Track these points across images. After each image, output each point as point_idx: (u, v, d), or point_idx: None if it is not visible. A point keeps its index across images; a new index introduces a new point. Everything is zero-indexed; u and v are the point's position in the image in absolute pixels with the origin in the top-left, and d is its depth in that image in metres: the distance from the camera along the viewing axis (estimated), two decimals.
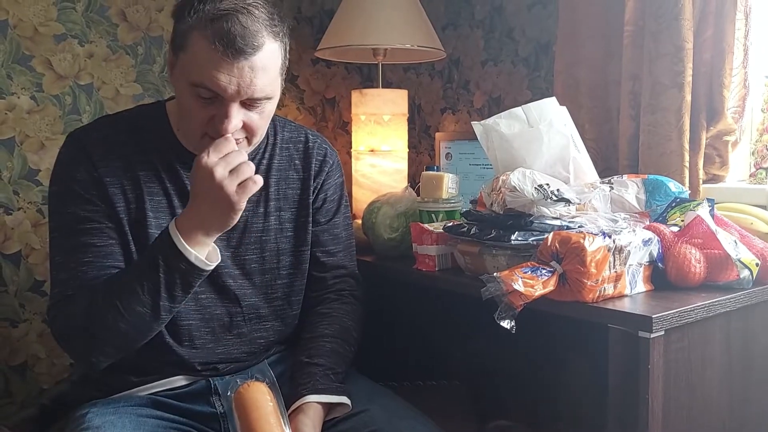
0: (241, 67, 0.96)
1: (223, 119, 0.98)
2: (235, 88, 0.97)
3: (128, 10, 1.79)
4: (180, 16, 0.99)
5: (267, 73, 0.99)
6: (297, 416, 1.02)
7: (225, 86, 0.96)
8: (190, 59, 0.98)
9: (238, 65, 0.96)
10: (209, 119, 1.00)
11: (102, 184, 1.04)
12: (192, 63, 0.97)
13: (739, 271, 1.04)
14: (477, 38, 1.96)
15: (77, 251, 1.02)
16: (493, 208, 1.14)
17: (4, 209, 1.65)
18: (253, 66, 0.96)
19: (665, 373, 0.94)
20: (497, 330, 0.95)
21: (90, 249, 1.02)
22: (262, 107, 1.02)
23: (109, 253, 1.03)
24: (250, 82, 0.97)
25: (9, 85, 1.64)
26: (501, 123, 1.21)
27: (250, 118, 1.02)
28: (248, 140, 1.05)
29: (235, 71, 0.96)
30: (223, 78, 0.96)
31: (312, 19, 2.12)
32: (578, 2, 1.52)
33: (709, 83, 1.35)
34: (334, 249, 1.22)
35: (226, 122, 0.98)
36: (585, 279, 0.97)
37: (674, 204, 1.17)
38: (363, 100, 1.87)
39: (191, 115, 1.01)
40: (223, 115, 0.98)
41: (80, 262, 1.01)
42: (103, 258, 1.02)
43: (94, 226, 1.03)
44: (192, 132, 1.04)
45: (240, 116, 1.00)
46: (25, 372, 1.69)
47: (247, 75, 0.96)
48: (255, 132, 1.04)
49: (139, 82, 1.82)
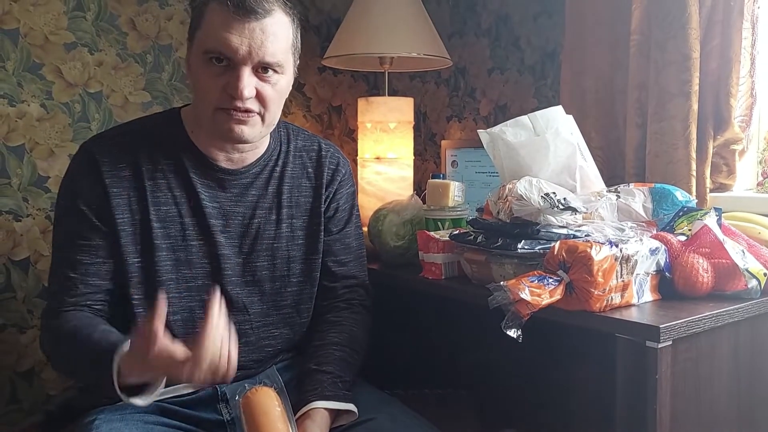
0: (252, 29, 1.00)
1: (236, 83, 1.01)
2: (246, 49, 1.00)
3: (137, 19, 1.80)
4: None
5: (278, 39, 1.02)
6: (304, 422, 1.02)
7: (237, 47, 1.00)
8: (204, 31, 1.03)
9: (249, 26, 1.00)
10: (222, 90, 1.02)
11: (106, 197, 1.06)
12: (206, 32, 1.02)
13: (747, 281, 1.04)
14: (483, 47, 1.97)
15: (67, 266, 1.06)
16: (500, 216, 1.14)
17: (14, 216, 1.66)
18: (264, 29, 1.01)
19: (673, 383, 0.94)
20: (504, 339, 0.95)
21: (78, 266, 1.05)
22: (274, 78, 1.05)
23: (95, 272, 1.06)
24: (261, 44, 1.00)
25: (19, 93, 1.65)
26: (507, 131, 1.21)
27: (263, 88, 1.04)
28: (261, 117, 1.06)
29: (246, 32, 1.00)
30: (235, 39, 0.99)
31: (319, 27, 2.14)
32: (585, 11, 1.52)
33: (716, 92, 1.35)
34: (345, 259, 1.23)
35: (239, 84, 1.01)
36: (592, 288, 0.97)
37: (681, 213, 1.17)
38: (369, 107, 1.88)
39: (205, 88, 1.04)
40: (236, 79, 1.01)
41: (67, 277, 1.05)
42: (89, 276, 1.06)
43: (87, 243, 1.06)
44: (205, 109, 1.05)
45: (252, 83, 1.02)
46: (32, 378, 1.70)
47: (258, 36, 1.00)
48: (268, 105, 1.05)
49: (148, 90, 1.83)
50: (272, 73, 1.04)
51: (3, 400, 1.66)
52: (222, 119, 1.04)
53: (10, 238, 1.66)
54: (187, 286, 1.10)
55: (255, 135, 1.08)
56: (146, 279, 1.08)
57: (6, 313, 1.66)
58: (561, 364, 1.36)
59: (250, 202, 1.14)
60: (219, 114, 1.04)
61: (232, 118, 1.03)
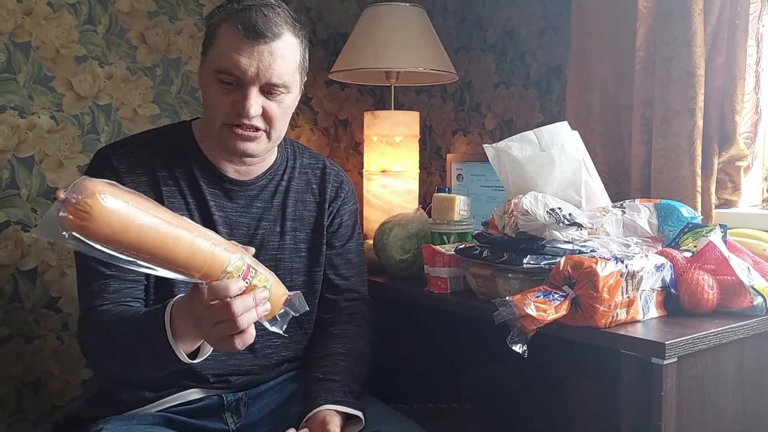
0: (261, 51, 1.03)
1: (243, 102, 1.04)
2: (254, 70, 1.03)
3: (147, 33, 1.83)
4: (211, 16, 1.10)
5: (285, 61, 1.06)
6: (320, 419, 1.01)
7: (245, 68, 1.03)
8: (216, 50, 1.06)
9: (258, 49, 1.03)
10: (230, 107, 1.05)
11: None
12: (217, 52, 1.06)
13: (753, 298, 1.04)
14: (489, 62, 1.98)
15: (101, 264, 1.04)
16: (506, 231, 1.15)
17: (22, 226, 1.68)
18: (272, 51, 1.04)
19: (678, 400, 0.94)
20: (509, 353, 0.95)
21: (108, 267, 1.04)
22: (280, 98, 1.08)
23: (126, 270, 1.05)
24: (268, 66, 1.04)
25: (30, 105, 1.67)
26: (513, 146, 1.22)
27: (269, 106, 1.07)
28: (267, 134, 1.09)
29: (255, 54, 1.03)
30: (244, 61, 1.03)
31: (326, 42, 2.16)
32: (590, 27, 1.53)
33: (720, 109, 1.36)
34: (348, 273, 1.25)
35: (246, 103, 1.04)
36: (597, 304, 0.97)
37: (687, 229, 1.17)
38: (375, 121, 1.89)
39: (213, 104, 1.07)
40: (243, 98, 1.04)
41: (104, 274, 1.05)
42: (125, 271, 1.04)
43: None
44: (213, 123, 1.09)
45: (259, 102, 1.06)
46: (39, 389, 1.70)
47: (266, 59, 1.04)
48: (273, 122, 1.08)
49: (157, 102, 1.85)
50: (279, 93, 1.07)
51: (9, 411, 1.66)
52: (229, 135, 1.07)
53: (18, 249, 1.68)
54: None
55: (260, 150, 1.11)
56: (157, 284, 1.09)
57: (13, 324, 1.67)
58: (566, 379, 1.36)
59: (255, 213, 1.16)
60: (226, 130, 1.07)
61: (238, 135, 1.07)
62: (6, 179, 1.65)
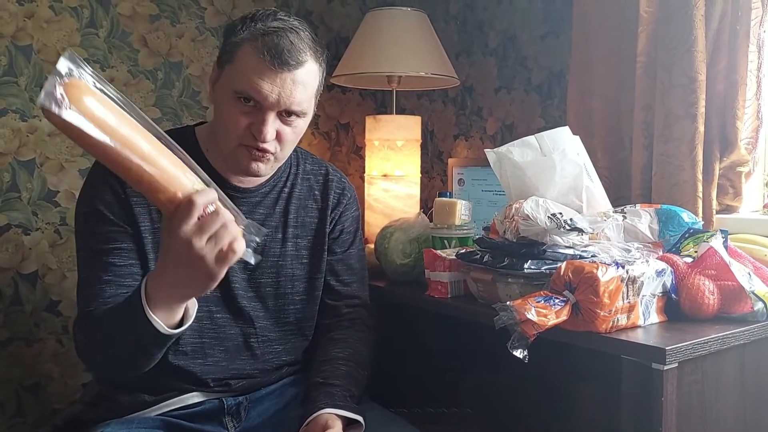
0: (284, 79, 1.03)
1: (261, 127, 1.04)
2: (276, 97, 1.03)
3: (149, 36, 1.83)
4: (231, 32, 1.07)
5: (306, 89, 1.06)
6: (320, 423, 1.01)
7: (267, 94, 1.02)
8: (236, 69, 1.05)
9: (282, 76, 1.03)
10: (246, 128, 1.05)
11: (128, 205, 1.07)
12: (238, 72, 1.04)
13: (753, 304, 1.04)
14: (490, 66, 1.99)
15: (99, 270, 1.05)
16: (506, 235, 1.15)
17: (23, 229, 1.68)
18: (294, 79, 1.04)
19: (678, 405, 0.93)
20: (509, 358, 0.95)
21: (111, 268, 1.05)
22: (296, 122, 1.08)
23: (129, 273, 1.06)
24: (290, 94, 1.04)
25: (31, 108, 1.67)
26: (514, 151, 1.22)
27: (284, 131, 1.07)
28: (276, 156, 1.09)
29: (278, 81, 1.03)
30: (266, 86, 1.02)
31: (328, 46, 2.16)
32: (591, 33, 1.54)
33: (722, 114, 1.36)
34: (349, 279, 1.25)
35: (263, 129, 1.04)
36: (598, 309, 0.97)
37: (687, 235, 1.17)
38: (377, 125, 1.89)
39: (229, 124, 1.06)
40: (261, 123, 1.04)
41: (101, 280, 1.05)
42: (122, 277, 1.06)
43: (117, 246, 1.06)
44: (228, 142, 1.08)
45: (275, 126, 1.06)
46: (38, 392, 1.70)
47: (288, 87, 1.03)
48: (285, 145, 1.09)
49: (158, 106, 1.85)
50: (295, 118, 1.08)
51: (9, 414, 1.66)
52: (242, 155, 1.08)
53: (19, 252, 1.68)
54: None
55: (268, 171, 1.13)
56: None
57: (13, 326, 1.67)
58: (566, 384, 1.36)
59: (258, 220, 1.16)
60: (240, 150, 1.07)
61: (251, 156, 1.07)
62: (7, 182, 1.65)
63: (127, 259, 1.06)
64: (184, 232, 0.83)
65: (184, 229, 0.83)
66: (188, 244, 0.83)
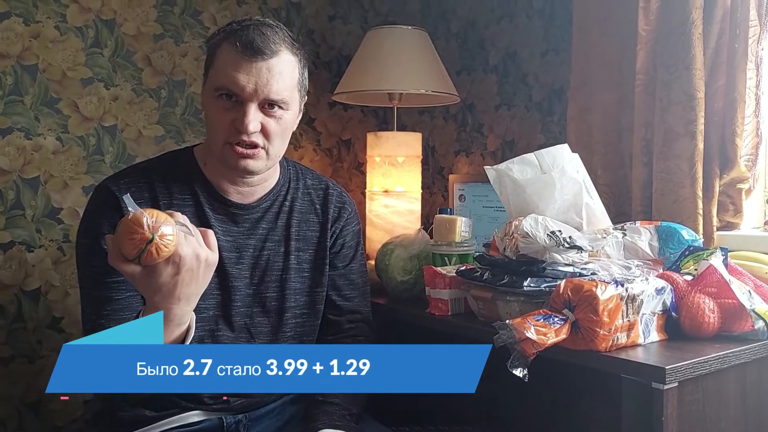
0: (260, 68, 1.05)
1: (242, 119, 1.06)
2: (253, 87, 1.05)
3: (153, 55, 1.85)
4: (211, 38, 1.13)
5: (283, 78, 1.08)
6: None
7: (244, 85, 1.05)
8: (216, 68, 1.09)
9: (257, 65, 1.05)
10: (230, 124, 1.07)
11: None
12: (217, 70, 1.08)
13: (754, 322, 1.03)
14: (491, 83, 2.00)
15: (98, 303, 1.07)
16: (506, 253, 1.15)
17: (26, 246, 1.69)
18: (270, 68, 1.06)
19: (679, 425, 0.93)
20: (509, 377, 0.95)
21: (109, 302, 1.06)
22: (279, 114, 1.09)
23: (127, 305, 1.07)
24: (266, 83, 1.06)
25: (36, 127, 1.69)
26: (514, 168, 1.23)
27: (268, 123, 1.09)
28: (266, 151, 1.10)
29: (254, 71, 1.05)
30: (242, 78, 1.05)
31: (329, 63, 2.18)
32: (591, 50, 1.55)
33: (721, 131, 1.36)
34: (350, 294, 1.25)
35: (245, 120, 1.06)
36: (597, 328, 0.97)
37: (687, 252, 1.17)
38: (378, 142, 1.90)
39: (215, 123, 1.09)
40: (242, 115, 1.06)
41: (100, 314, 1.06)
42: (121, 311, 1.07)
43: (115, 280, 1.06)
44: (216, 142, 1.10)
45: (258, 118, 1.07)
46: (39, 409, 1.70)
47: (264, 75, 1.06)
48: (272, 139, 1.10)
49: (161, 124, 1.87)
50: (277, 109, 1.09)
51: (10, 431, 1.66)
52: (230, 153, 1.09)
53: (22, 269, 1.68)
54: (199, 317, 1.11)
55: (260, 167, 1.12)
56: None
57: (16, 344, 1.67)
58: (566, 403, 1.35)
59: (261, 234, 1.17)
60: (228, 148, 1.09)
61: (239, 153, 1.08)
62: (11, 200, 1.67)
63: (125, 291, 1.07)
64: (167, 289, 0.92)
65: (165, 287, 0.91)
66: (174, 288, 0.92)
